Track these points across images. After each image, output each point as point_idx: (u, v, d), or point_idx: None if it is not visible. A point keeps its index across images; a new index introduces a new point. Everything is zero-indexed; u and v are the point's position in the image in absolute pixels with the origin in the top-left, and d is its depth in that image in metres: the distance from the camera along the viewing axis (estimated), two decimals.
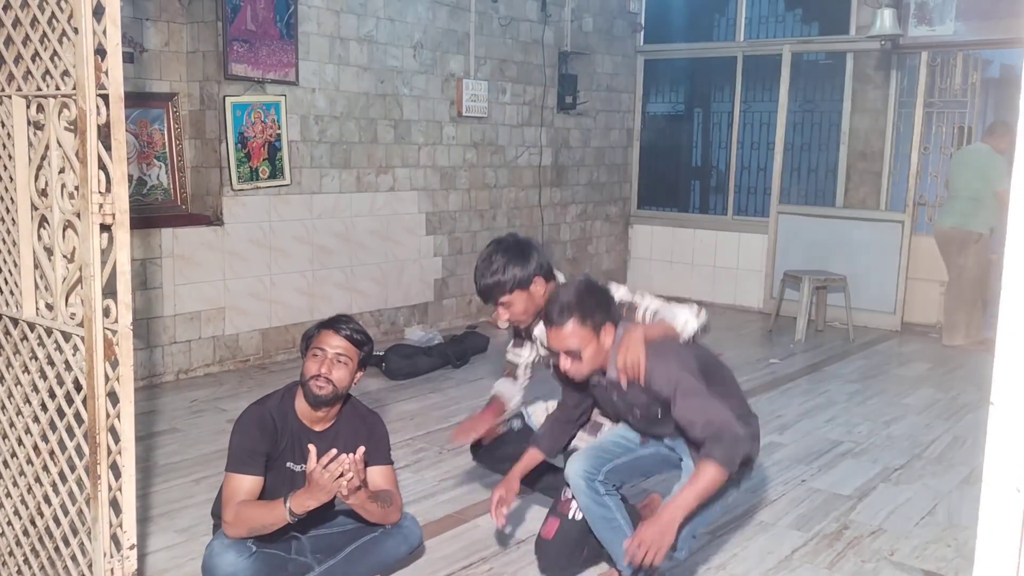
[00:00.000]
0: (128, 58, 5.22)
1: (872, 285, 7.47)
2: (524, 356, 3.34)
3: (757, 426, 2.84)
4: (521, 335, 3.31)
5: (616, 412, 2.94)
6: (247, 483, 2.76)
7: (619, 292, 3.01)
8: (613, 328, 2.69)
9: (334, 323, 2.90)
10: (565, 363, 2.65)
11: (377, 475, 2.99)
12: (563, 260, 8.36)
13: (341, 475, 2.60)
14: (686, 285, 8.69)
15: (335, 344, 2.85)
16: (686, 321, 2.89)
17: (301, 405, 2.90)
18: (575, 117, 8.24)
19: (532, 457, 3.06)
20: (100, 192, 2.27)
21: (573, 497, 2.97)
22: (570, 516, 2.99)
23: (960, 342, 6.86)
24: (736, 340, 7.12)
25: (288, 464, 2.88)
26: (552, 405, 3.29)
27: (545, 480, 3.32)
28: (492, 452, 3.37)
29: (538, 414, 3.36)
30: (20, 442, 2.62)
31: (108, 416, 2.33)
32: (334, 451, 2.61)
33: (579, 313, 2.59)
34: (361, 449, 2.66)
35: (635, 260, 9.08)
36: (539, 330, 3.13)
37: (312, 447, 2.67)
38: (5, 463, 2.69)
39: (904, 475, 4.23)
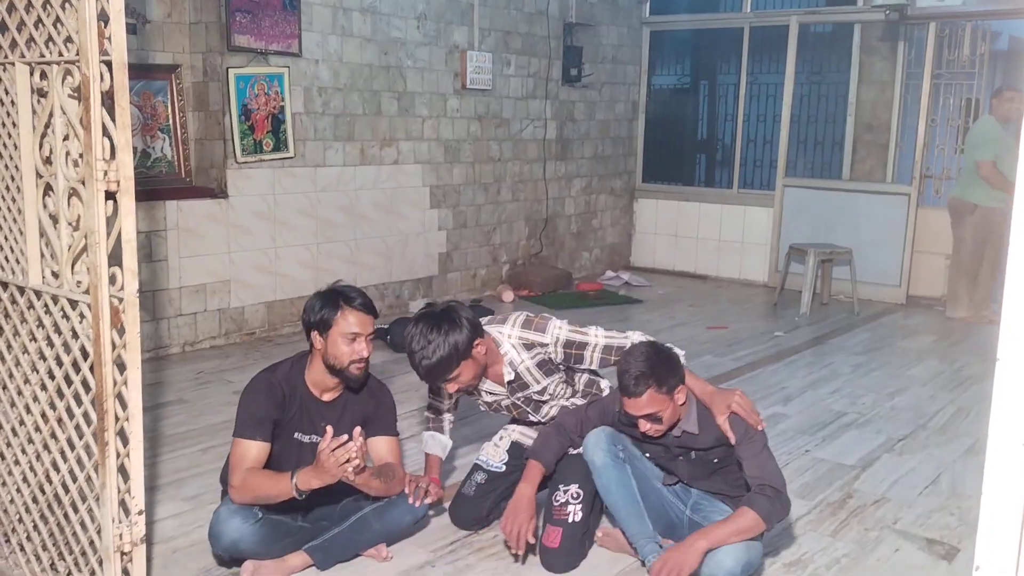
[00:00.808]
0: (131, 29, 5.19)
1: (878, 258, 7.45)
2: (446, 402, 3.29)
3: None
4: (469, 392, 3.15)
5: (667, 456, 2.96)
6: (254, 449, 2.77)
7: (562, 331, 3.00)
8: (685, 388, 2.81)
9: (352, 300, 2.82)
10: (644, 426, 2.76)
11: (382, 446, 3.01)
12: (567, 234, 8.35)
13: (348, 460, 2.60)
14: (691, 259, 8.68)
15: (366, 324, 2.82)
16: None
17: (311, 375, 2.90)
18: (580, 90, 8.19)
19: (537, 472, 3.01)
20: (104, 159, 2.26)
21: (567, 501, 3.01)
22: (570, 520, 3.00)
23: (962, 315, 6.83)
24: (741, 313, 7.12)
25: (296, 435, 2.90)
26: (499, 439, 3.37)
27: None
28: (463, 510, 3.27)
29: (489, 451, 3.36)
30: (28, 410, 2.64)
31: (115, 383, 2.34)
32: (344, 437, 2.61)
33: (655, 382, 2.69)
34: (357, 430, 2.66)
35: (640, 234, 9.07)
36: (486, 385, 3.09)
37: (329, 428, 2.66)
38: (14, 431, 2.71)
39: (908, 445, 4.24)
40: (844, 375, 5.42)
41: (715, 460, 2.87)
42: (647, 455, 3.04)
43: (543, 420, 3.24)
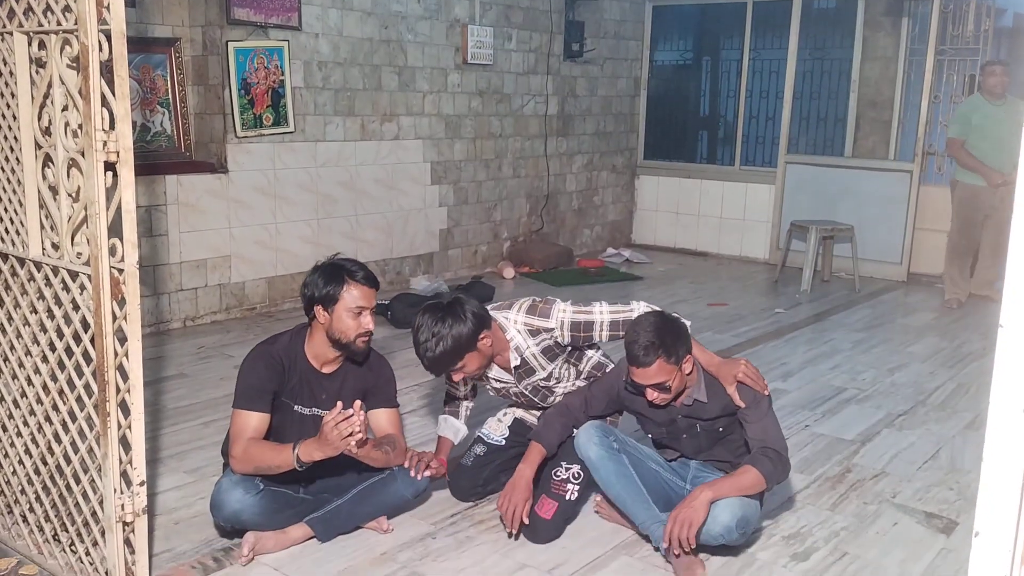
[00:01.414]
0: (129, 2, 5.15)
1: (879, 235, 7.44)
2: (462, 389, 3.31)
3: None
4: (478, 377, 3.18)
5: (671, 431, 2.96)
6: (254, 420, 2.78)
7: (566, 313, 3.00)
8: (692, 357, 2.82)
9: (355, 274, 2.82)
10: (652, 394, 2.77)
11: (382, 417, 3.03)
12: (569, 211, 8.33)
13: (351, 434, 2.60)
14: (692, 236, 8.67)
15: (371, 297, 2.83)
16: None
17: (312, 348, 2.91)
18: (582, 65, 8.15)
19: (538, 454, 3.02)
20: (104, 130, 2.25)
21: (568, 479, 3.03)
22: (568, 498, 3.03)
23: (949, 295, 6.65)
24: (742, 290, 7.12)
25: (296, 407, 2.90)
26: (503, 414, 3.40)
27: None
28: (460, 481, 3.31)
29: (492, 425, 3.39)
30: (29, 382, 2.64)
31: (116, 355, 2.35)
32: (350, 411, 2.60)
33: (664, 352, 2.70)
34: (358, 403, 2.66)
35: (641, 211, 9.05)
36: (493, 372, 3.11)
37: (340, 403, 2.66)
38: (15, 403, 2.71)
39: (907, 421, 4.26)
40: (844, 351, 5.43)
41: (720, 429, 2.90)
42: (650, 436, 3.06)
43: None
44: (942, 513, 3.29)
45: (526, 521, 2.95)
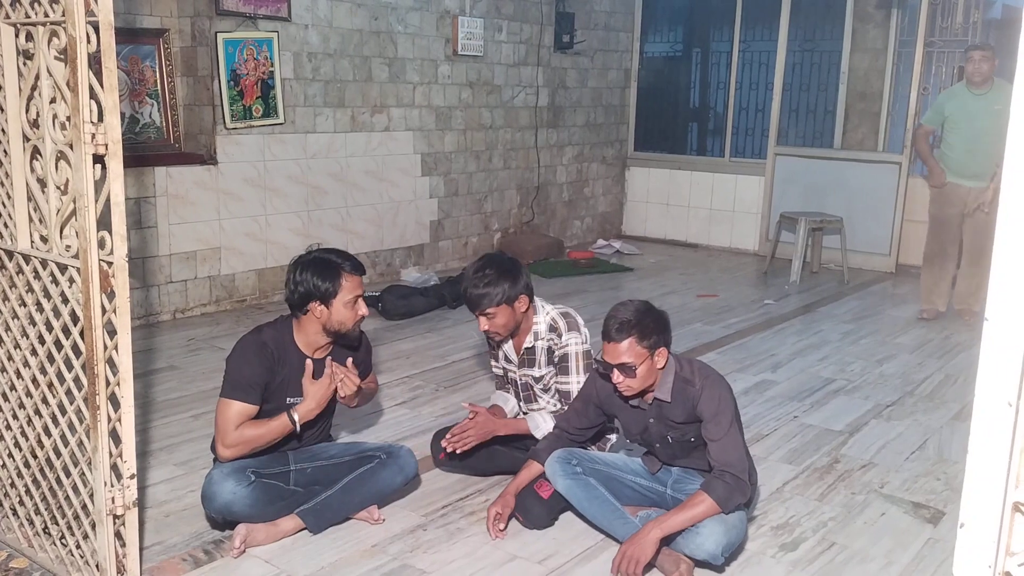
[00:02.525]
0: None
1: (868, 227, 7.47)
2: (512, 403, 3.43)
3: (756, 478, 2.90)
4: (492, 346, 3.40)
5: (645, 439, 2.97)
6: (244, 411, 2.79)
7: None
8: (667, 352, 2.79)
9: (344, 267, 2.87)
10: (618, 378, 2.74)
11: (368, 382, 3.18)
12: (559, 203, 8.34)
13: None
14: (682, 228, 8.69)
15: (361, 284, 2.91)
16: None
17: (303, 337, 2.92)
18: (572, 57, 8.14)
19: (531, 472, 3.05)
20: (92, 122, 2.24)
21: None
22: None
23: (923, 305, 6.06)
24: (731, 282, 7.14)
25: (289, 399, 2.91)
26: (491, 397, 3.51)
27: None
28: (435, 443, 3.45)
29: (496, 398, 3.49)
30: (19, 375, 2.64)
31: (106, 348, 2.34)
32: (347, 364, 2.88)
33: (638, 332, 2.69)
34: (350, 360, 2.92)
35: (631, 203, 9.06)
36: (507, 347, 3.29)
37: (309, 363, 2.86)
38: (4, 396, 2.71)
39: (895, 411, 4.28)
40: (833, 342, 5.46)
41: (692, 439, 2.86)
42: (628, 440, 3.07)
43: (531, 411, 3.36)
44: (929, 503, 3.32)
45: (501, 531, 2.97)
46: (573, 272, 7.26)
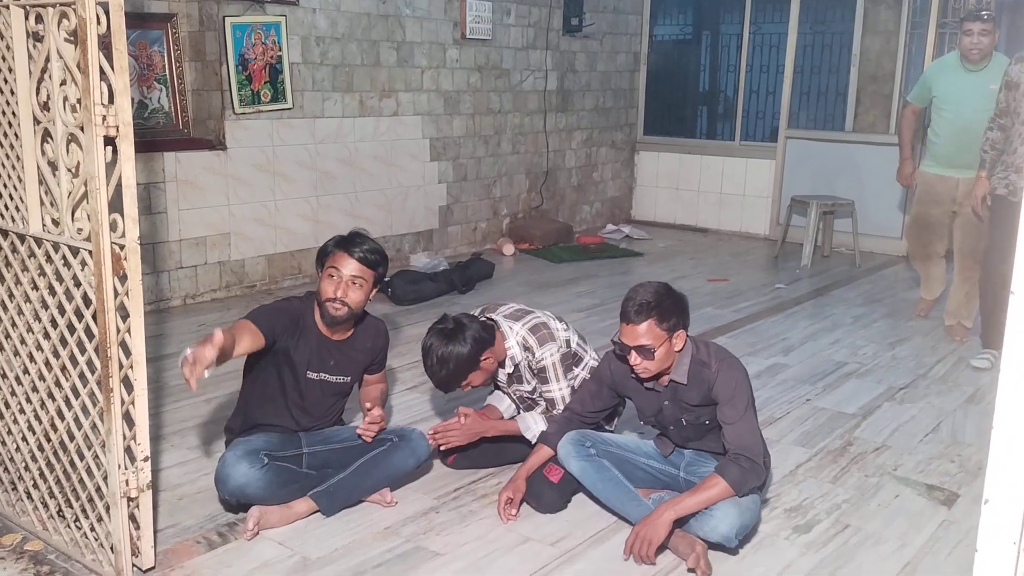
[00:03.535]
0: None
1: (880, 210, 7.42)
2: (507, 401, 3.42)
3: (770, 461, 2.88)
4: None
5: (659, 420, 2.96)
6: (252, 327, 2.77)
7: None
8: (685, 334, 2.77)
9: (348, 244, 2.90)
10: (635, 360, 2.72)
11: (377, 378, 3.23)
12: (568, 187, 8.31)
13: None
14: (692, 212, 8.65)
15: (350, 267, 2.87)
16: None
17: (318, 313, 2.96)
18: (581, 40, 8.09)
19: (541, 456, 3.05)
20: (103, 104, 2.24)
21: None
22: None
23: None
24: (742, 266, 7.11)
25: (309, 373, 2.97)
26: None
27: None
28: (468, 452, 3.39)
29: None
30: (31, 358, 2.64)
31: (118, 331, 2.34)
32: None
33: (658, 314, 2.68)
34: (377, 410, 3.00)
35: (641, 187, 9.02)
36: (502, 376, 3.27)
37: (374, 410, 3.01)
38: (17, 379, 2.71)
39: (908, 394, 4.26)
40: (845, 326, 5.43)
41: (706, 422, 2.85)
42: (642, 423, 3.06)
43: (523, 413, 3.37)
44: (943, 485, 3.30)
45: (512, 516, 2.97)
46: (582, 257, 7.24)
